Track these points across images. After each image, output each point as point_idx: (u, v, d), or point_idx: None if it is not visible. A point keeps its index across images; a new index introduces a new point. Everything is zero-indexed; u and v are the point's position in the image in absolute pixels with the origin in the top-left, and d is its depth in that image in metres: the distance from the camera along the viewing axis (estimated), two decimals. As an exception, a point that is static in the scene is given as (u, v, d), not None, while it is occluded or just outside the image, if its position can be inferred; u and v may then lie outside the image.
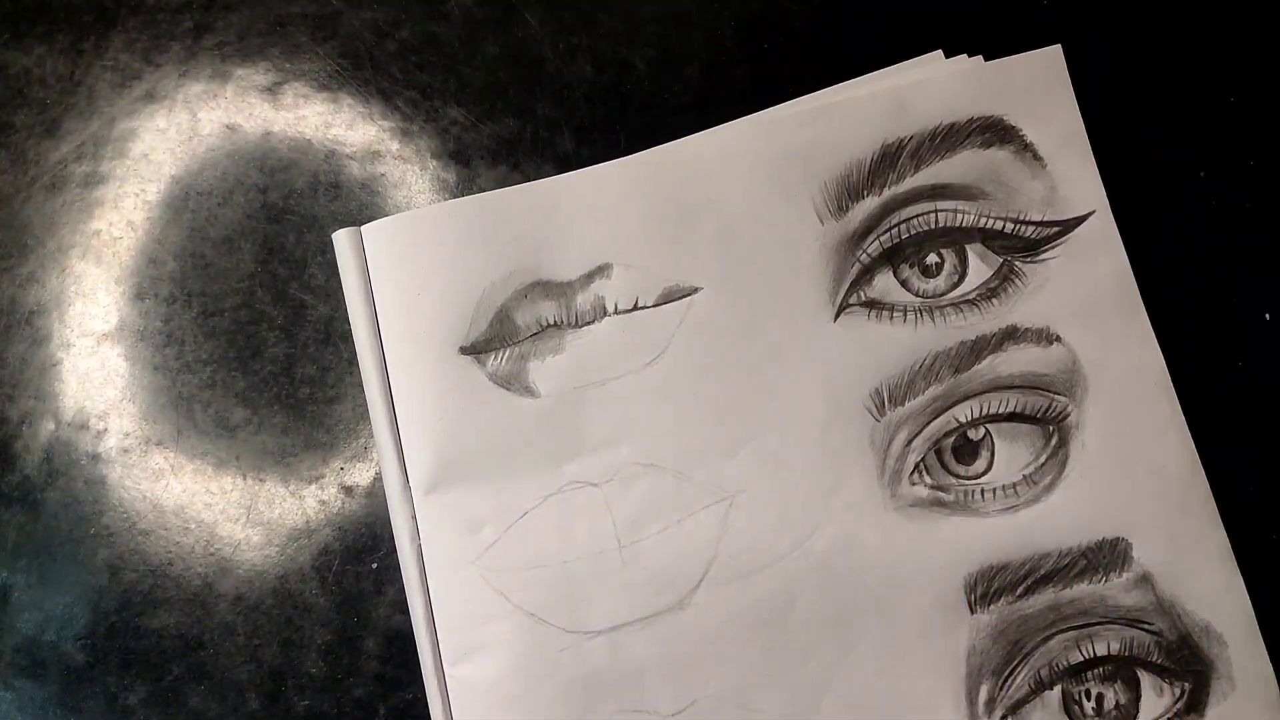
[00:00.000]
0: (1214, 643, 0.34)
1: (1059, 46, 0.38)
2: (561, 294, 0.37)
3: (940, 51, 0.38)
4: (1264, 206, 0.38)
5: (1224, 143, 0.39)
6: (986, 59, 0.38)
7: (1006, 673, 0.35)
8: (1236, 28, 0.39)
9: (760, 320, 0.36)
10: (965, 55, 0.38)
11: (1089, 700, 0.34)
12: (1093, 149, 0.37)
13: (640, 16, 0.40)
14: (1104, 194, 0.37)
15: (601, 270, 0.37)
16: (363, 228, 0.37)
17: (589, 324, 0.36)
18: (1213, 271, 0.38)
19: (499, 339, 0.36)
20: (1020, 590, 0.35)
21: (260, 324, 0.39)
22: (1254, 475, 0.36)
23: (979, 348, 0.36)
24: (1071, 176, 0.37)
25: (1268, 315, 0.38)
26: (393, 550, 0.36)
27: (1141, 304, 0.37)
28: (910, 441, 0.36)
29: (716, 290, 0.36)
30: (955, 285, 0.37)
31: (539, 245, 0.37)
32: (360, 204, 0.39)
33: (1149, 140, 0.39)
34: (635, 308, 0.36)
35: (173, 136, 0.40)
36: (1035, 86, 0.38)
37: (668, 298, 0.36)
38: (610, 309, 0.36)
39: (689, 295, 0.36)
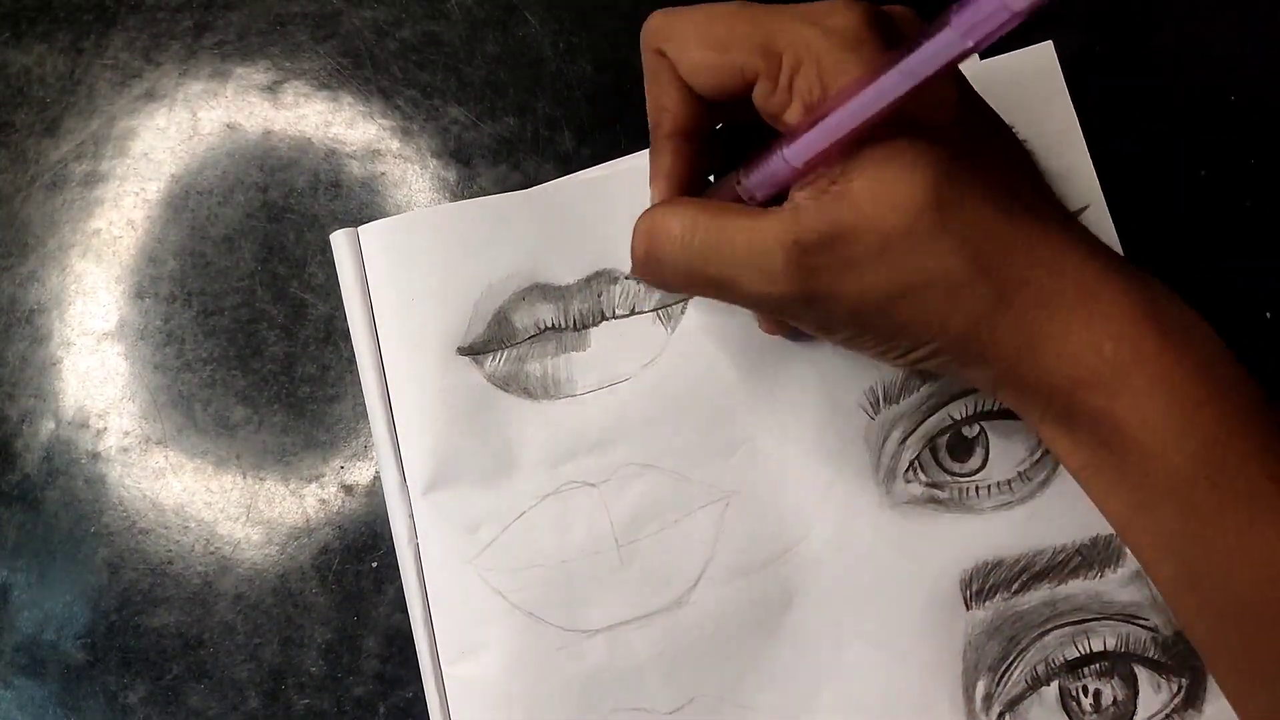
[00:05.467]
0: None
1: (1050, 42, 0.37)
2: (560, 297, 0.37)
3: (938, 51, 0.38)
4: (1264, 206, 0.38)
5: (1224, 142, 0.39)
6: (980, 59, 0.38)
7: (1003, 669, 0.35)
8: (1236, 27, 0.39)
9: (755, 322, 0.36)
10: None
11: (1086, 696, 0.34)
12: (1093, 150, 0.37)
13: (640, 16, 0.40)
14: (1099, 188, 0.37)
15: (600, 275, 0.37)
16: (360, 229, 0.37)
17: (587, 327, 0.36)
18: (1212, 271, 0.38)
19: (497, 341, 0.36)
20: (1015, 586, 0.35)
21: (260, 323, 0.39)
22: (1252, 474, 0.36)
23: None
24: (1065, 173, 0.37)
25: (1268, 315, 0.38)
26: (392, 549, 0.36)
27: None
28: (905, 439, 0.36)
29: None
30: None
31: (537, 249, 0.37)
32: (360, 203, 0.39)
33: (1149, 140, 0.39)
34: (633, 313, 0.36)
35: (173, 135, 0.40)
36: (1027, 84, 0.37)
37: (664, 302, 0.36)
38: (608, 313, 0.36)
39: (686, 299, 0.36)
